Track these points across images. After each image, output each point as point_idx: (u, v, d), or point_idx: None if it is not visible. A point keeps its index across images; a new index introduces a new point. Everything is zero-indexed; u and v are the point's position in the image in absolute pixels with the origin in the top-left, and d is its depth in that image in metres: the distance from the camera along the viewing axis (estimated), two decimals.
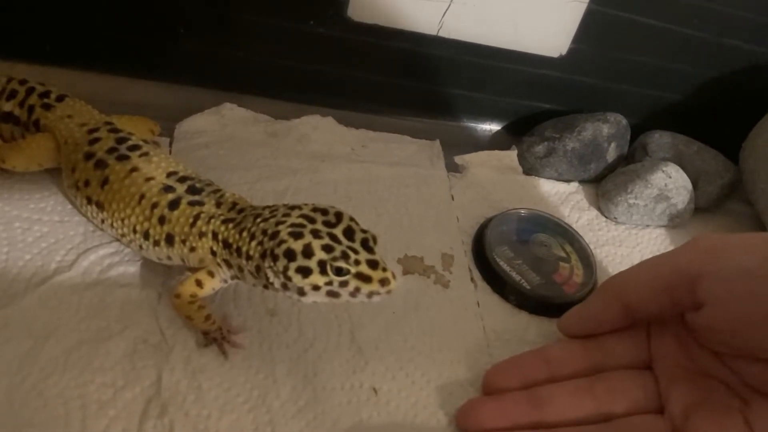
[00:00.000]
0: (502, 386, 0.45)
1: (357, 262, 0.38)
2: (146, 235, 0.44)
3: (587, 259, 0.58)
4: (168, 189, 0.44)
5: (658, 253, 0.62)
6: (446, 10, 0.60)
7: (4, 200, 0.47)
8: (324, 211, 0.40)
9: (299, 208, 0.41)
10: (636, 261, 0.61)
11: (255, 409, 0.42)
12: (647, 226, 0.65)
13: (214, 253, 0.43)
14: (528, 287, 0.54)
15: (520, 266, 0.55)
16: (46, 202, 0.48)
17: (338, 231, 0.39)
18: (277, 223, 0.39)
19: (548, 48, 0.65)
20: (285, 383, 0.43)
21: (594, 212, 0.65)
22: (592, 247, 0.59)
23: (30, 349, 0.40)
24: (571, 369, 0.46)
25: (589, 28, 0.64)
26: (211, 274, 0.43)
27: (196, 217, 0.43)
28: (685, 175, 0.65)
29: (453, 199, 0.61)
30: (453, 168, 0.65)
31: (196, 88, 0.61)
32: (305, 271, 0.38)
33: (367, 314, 0.49)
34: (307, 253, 0.38)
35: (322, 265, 0.38)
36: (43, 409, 0.38)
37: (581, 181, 0.68)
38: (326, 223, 0.39)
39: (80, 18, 0.55)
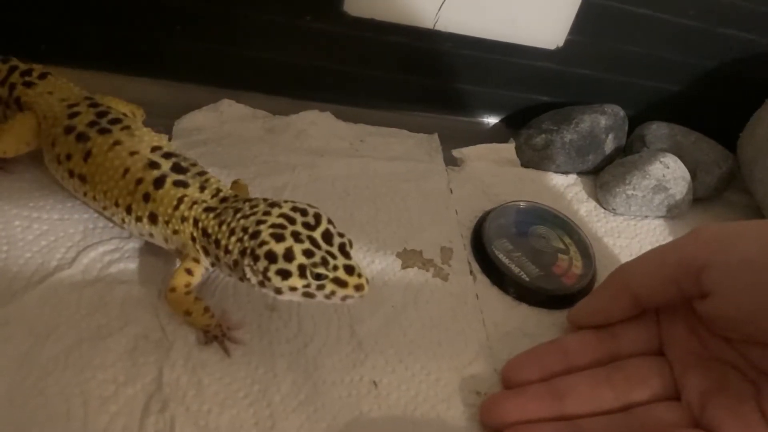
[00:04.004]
0: (522, 379, 0.46)
1: (335, 268, 0.39)
2: (129, 210, 0.44)
3: (586, 251, 0.58)
4: (153, 165, 0.44)
5: (656, 244, 0.62)
6: (442, 3, 0.60)
7: (3, 199, 0.47)
8: (303, 212, 0.41)
9: (279, 206, 0.41)
10: (635, 252, 0.61)
11: (255, 403, 0.42)
12: (646, 217, 0.65)
13: (194, 239, 0.43)
14: (527, 279, 0.54)
15: (519, 258, 0.55)
16: (45, 200, 0.49)
17: (317, 234, 0.40)
18: (258, 222, 0.40)
19: (545, 40, 0.65)
20: (285, 378, 0.43)
21: (592, 204, 0.65)
22: (590, 238, 0.60)
23: (31, 347, 0.41)
24: (588, 359, 0.46)
25: (585, 20, 0.64)
26: (197, 261, 0.43)
27: (180, 201, 0.43)
28: (683, 166, 0.65)
29: (451, 192, 0.61)
30: (451, 161, 0.65)
31: (194, 86, 0.61)
32: (285, 274, 0.39)
33: (367, 308, 0.49)
34: (289, 257, 0.39)
35: (302, 269, 0.39)
36: (45, 407, 0.38)
37: (579, 173, 0.68)
38: (306, 225, 0.40)
39: (76, 17, 0.55)
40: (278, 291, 0.40)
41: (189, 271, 0.43)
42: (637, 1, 0.63)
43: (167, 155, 0.45)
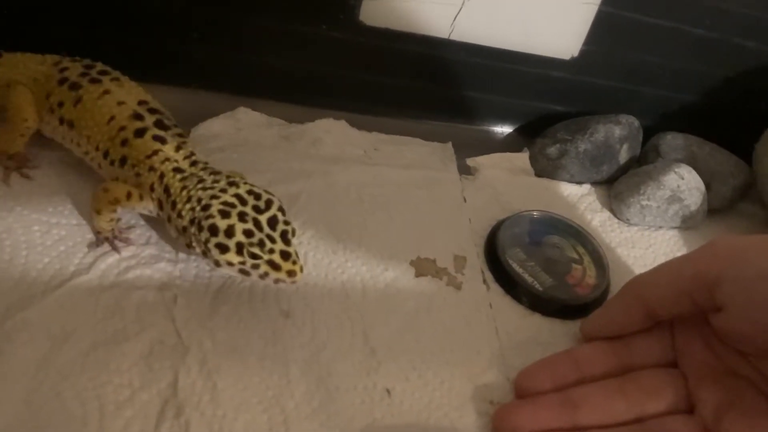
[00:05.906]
0: (535, 389, 0.45)
1: (271, 251, 0.42)
2: (106, 155, 0.46)
3: (600, 261, 0.58)
4: (138, 117, 0.46)
5: (671, 255, 0.63)
6: (458, 13, 0.60)
7: (23, 204, 0.48)
8: (257, 196, 0.43)
9: (237, 186, 0.43)
10: (649, 262, 0.61)
11: (269, 409, 0.42)
12: (660, 227, 0.65)
13: (152, 189, 0.45)
14: (540, 289, 0.54)
15: (533, 268, 0.55)
16: (64, 205, 0.49)
17: (263, 218, 0.42)
18: (212, 197, 0.43)
19: (560, 50, 0.65)
20: (299, 384, 0.44)
21: (606, 214, 0.65)
22: (604, 248, 0.59)
23: (48, 350, 0.41)
24: (601, 369, 0.46)
25: (600, 30, 0.64)
26: (141, 198, 0.46)
27: (154, 153, 0.45)
28: (697, 177, 0.65)
29: (465, 201, 0.61)
30: (465, 170, 0.65)
31: (211, 93, 0.62)
32: (223, 248, 0.42)
33: (380, 315, 0.49)
34: (229, 233, 0.42)
35: (239, 246, 0.41)
36: (61, 410, 0.39)
37: (593, 183, 0.68)
38: (255, 208, 0.43)
39: (93, 24, 0.56)
40: (217, 263, 0.42)
41: (129, 195, 0.45)
42: (653, 11, 0.63)
43: (152, 110, 0.47)
